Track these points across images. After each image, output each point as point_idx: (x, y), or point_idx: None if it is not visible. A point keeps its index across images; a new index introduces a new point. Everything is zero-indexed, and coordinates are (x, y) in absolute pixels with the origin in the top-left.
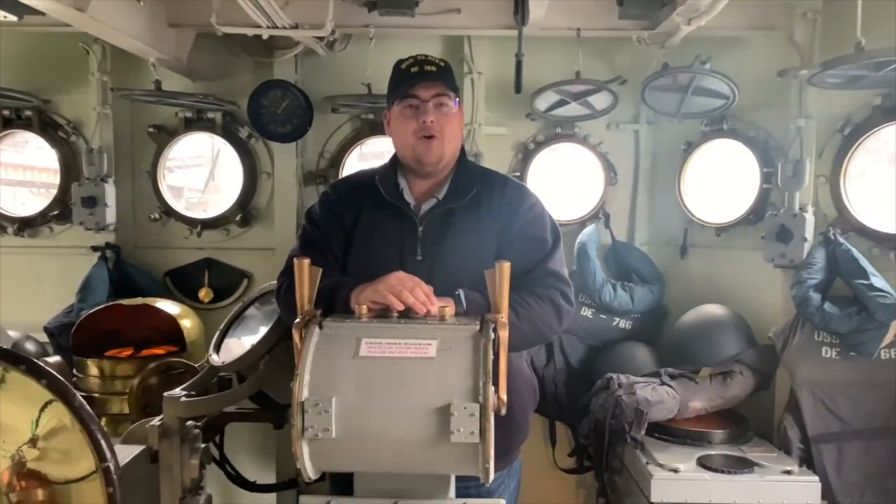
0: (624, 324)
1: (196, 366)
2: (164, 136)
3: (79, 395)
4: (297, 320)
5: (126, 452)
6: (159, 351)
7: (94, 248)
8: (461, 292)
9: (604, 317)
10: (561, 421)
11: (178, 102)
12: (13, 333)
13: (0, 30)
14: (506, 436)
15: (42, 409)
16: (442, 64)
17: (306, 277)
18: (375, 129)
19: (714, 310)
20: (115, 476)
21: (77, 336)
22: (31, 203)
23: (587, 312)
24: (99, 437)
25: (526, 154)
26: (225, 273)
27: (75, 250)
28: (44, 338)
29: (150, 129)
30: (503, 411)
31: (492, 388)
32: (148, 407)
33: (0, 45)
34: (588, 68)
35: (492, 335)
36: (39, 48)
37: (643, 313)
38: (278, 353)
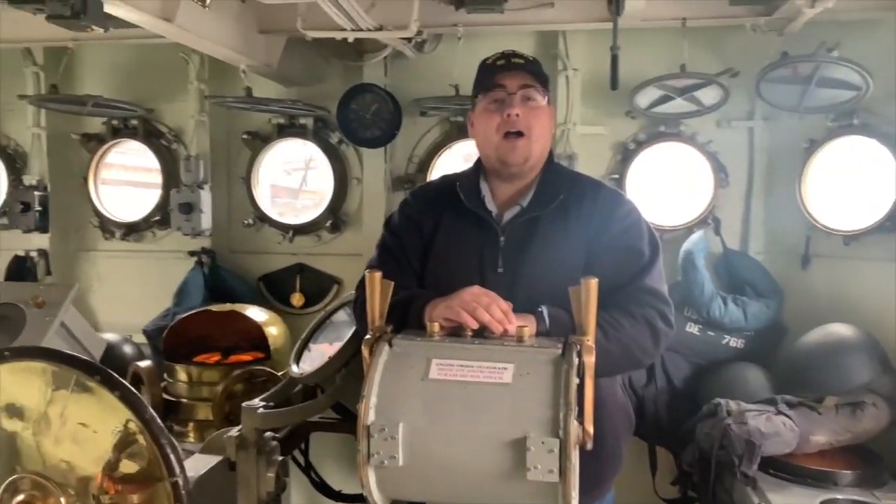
0: (735, 342)
1: (279, 374)
2: (258, 142)
3: (150, 408)
4: (367, 336)
5: (204, 462)
6: (246, 357)
7: (191, 253)
8: (544, 309)
9: (712, 334)
10: (662, 446)
11: (269, 109)
12: (113, 336)
13: (105, 42)
14: (596, 466)
15: (129, 419)
16: (530, 58)
17: (378, 291)
18: (464, 131)
19: (841, 329)
20: (183, 492)
21: (168, 340)
22: (136, 203)
23: (693, 329)
24: (168, 451)
25: (626, 155)
26: (316, 278)
27: (175, 254)
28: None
29: (244, 136)
30: (589, 445)
31: (574, 422)
32: (231, 414)
33: (107, 57)
34: (694, 60)
35: (575, 360)
36: (143, 59)
37: (757, 331)
38: (354, 365)
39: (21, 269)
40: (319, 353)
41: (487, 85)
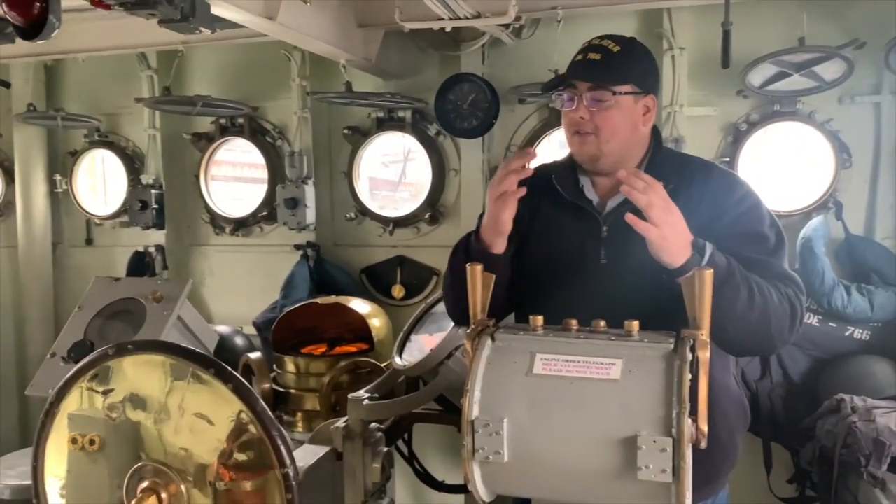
0: (860, 334)
1: (382, 366)
2: (359, 136)
3: (261, 401)
4: (470, 330)
5: (313, 453)
6: (351, 349)
7: (297, 247)
8: (710, 245)
9: (833, 325)
10: (778, 442)
11: (368, 102)
12: (224, 328)
13: (212, 44)
14: (709, 462)
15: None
16: (614, 49)
17: (479, 284)
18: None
19: None
20: (293, 483)
21: (277, 332)
22: (244, 199)
23: (813, 320)
24: (279, 442)
25: (737, 136)
26: (415, 270)
27: (281, 248)
28: (254, 331)
29: (345, 131)
30: (703, 444)
31: (688, 420)
32: (338, 405)
33: (215, 59)
34: (814, 33)
35: (689, 355)
36: (247, 59)
37: (886, 322)
38: (456, 358)
39: (140, 264)
40: (421, 345)
41: (561, 83)
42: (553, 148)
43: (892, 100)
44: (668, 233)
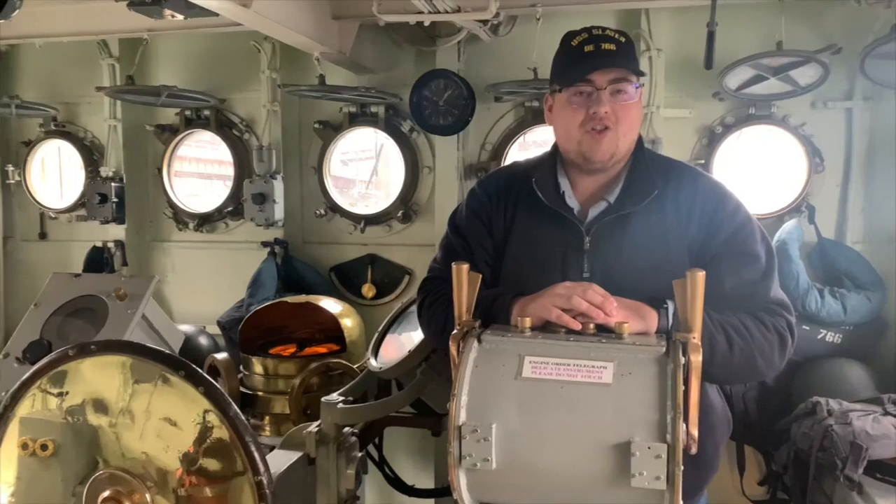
0: (832, 337)
1: (355, 367)
2: (330, 131)
3: (234, 405)
4: (455, 331)
5: (284, 458)
6: (321, 350)
7: (264, 244)
8: (670, 304)
9: (807, 328)
10: (750, 445)
11: (342, 97)
12: (188, 328)
13: (179, 32)
14: (695, 474)
15: (207, 411)
16: (622, 39)
17: (465, 283)
18: (539, 116)
19: None
20: (267, 491)
21: (244, 332)
22: (208, 195)
23: None
24: (252, 448)
25: (712, 139)
26: (387, 269)
27: (248, 245)
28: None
29: (316, 126)
30: (693, 449)
31: (682, 425)
32: (308, 409)
33: (181, 48)
34: (791, 37)
35: (682, 359)
36: (215, 49)
37: (857, 325)
38: (435, 361)
39: (99, 259)
40: (397, 346)
41: (573, 78)
42: (526, 147)
43: (864, 105)
44: (623, 310)
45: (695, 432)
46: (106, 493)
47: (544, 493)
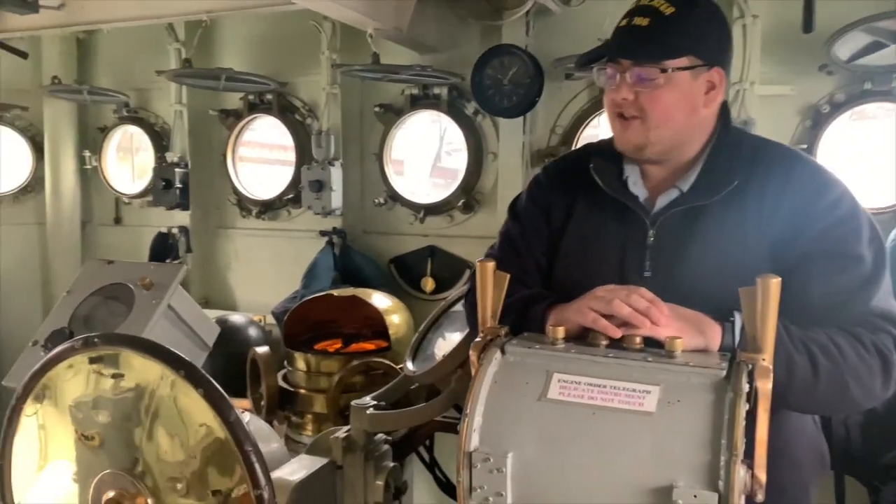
0: None
1: (398, 367)
2: (391, 115)
3: (235, 410)
4: (477, 339)
5: (309, 464)
6: (368, 346)
7: (322, 233)
8: (737, 316)
9: None
10: (853, 475)
11: (399, 77)
12: (239, 318)
13: (241, 14)
14: None
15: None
16: (667, 10)
17: (490, 284)
18: None
19: None
20: None
21: (289, 326)
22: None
23: None
24: (253, 459)
25: (817, 120)
26: (447, 262)
27: (308, 234)
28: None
29: (376, 109)
30: (760, 497)
31: (740, 469)
32: (347, 409)
33: (242, 31)
34: None
35: (745, 386)
36: (276, 31)
37: None
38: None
39: (164, 245)
40: (440, 347)
41: (606, 55)
42: (606, 130)
43: None
44: (673, 321)
45: (762, 476)
46: (110, 494)
47: None
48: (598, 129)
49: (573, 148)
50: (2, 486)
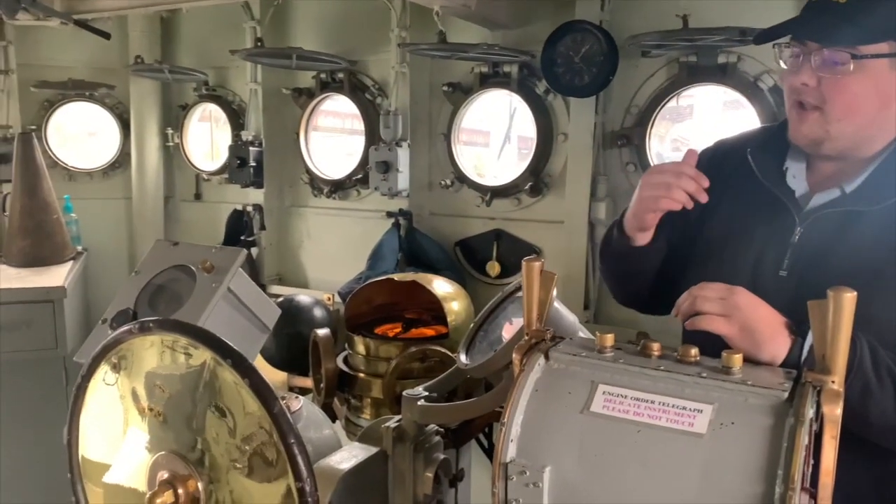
0: None
1: (455, 356)
2: (459, 94)
3: (288, 398)
4: (521, 342)
5: (360, 452)
6: (429, 332)
7: (389, 214)
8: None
9: None
10: None
11: (467, 56)
12: (306, 299)
13: None
14: None
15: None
16: None
17: (536, 284)
18: (697, 74)
19: None
20: (309, 499)
21: (351, 308)
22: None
23: None
24: (295, 451)
25: None
26: (513, 246)
27: (376, 214)
28: None
29: (445, 88)
30: None
31: (799, 501)
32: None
33: (315, 10)
34: None
35: (810, 411)
36: (348, 9)
37: None
38: None
39: (239, 222)
40: (497, 338)
41: (787, 31)
42: (680, 113)
43: None
44: (743, 319)
45: None
46: (164, 476)
47: None
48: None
49: (649, 127)
50: (70, 458)
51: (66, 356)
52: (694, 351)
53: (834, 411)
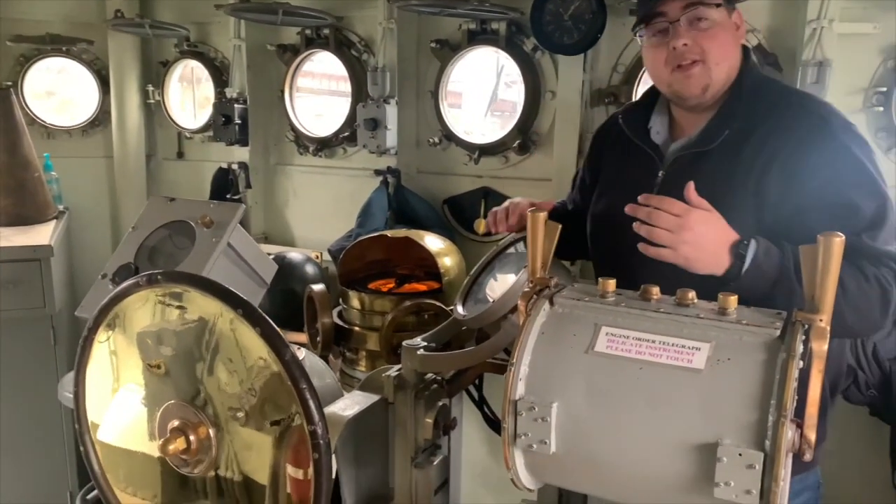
0: None
1: (448, 309)
2: (447, 51)
3: (292, 348)
4: (526, 289)
5: (362, 400)
6: (421, 287)
7: (377, 172)
8: (751, 247)
9: None
10: None
11: (457, 12)
12: (297, 255)
13: None
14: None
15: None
16: None
17: (540, 235)
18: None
19: None
20: (321, 441)
21: (344, 264)
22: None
23: None
24: (307, 396)
25: None
26: (501, 204)
27: (363, 172)
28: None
29: (433, 45)
30: (808, 456)
31: (788, 429)
32: (399, 348)
33: None
34: None
35: (800, 347)
36: None
37: None
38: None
39: (224, 180)
40: (492, 289)
41: (645, 14)
42: None
43: None
44: (688, 252)
45: (812, 436)
46: (175, 423)
47: (610, 488)
48: None
49: (636, 85)
50: (77, 410)
51: (54, 314)
52: (691, 294)
53: (822, 347)
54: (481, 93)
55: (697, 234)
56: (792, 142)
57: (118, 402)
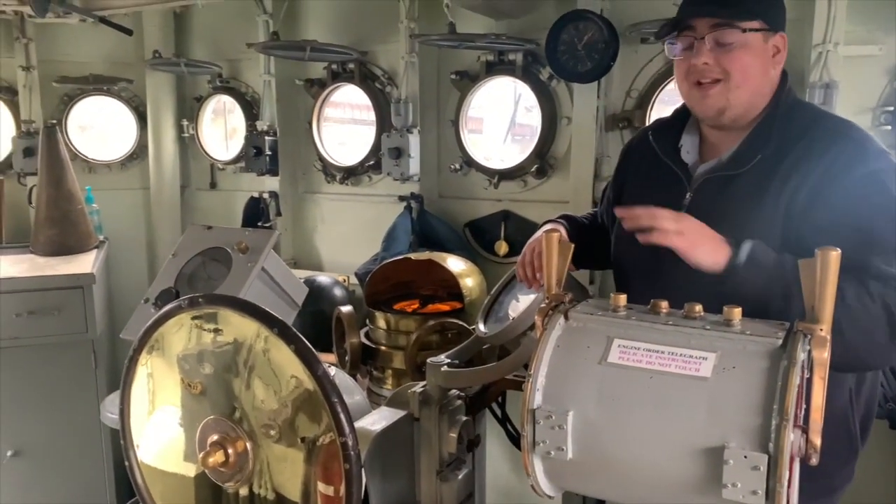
0: None
1: (471, 328)
2: (467, 82)
3: (324, 364)
4: (543, 305)
5: (389, 415)
6: (444, 307)
7: (401, 198)
8: (743, 248)
9: None
10: None
11: (475, 45)
12: (325, 279)
13: None
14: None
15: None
16: None
17: (555, 253)
18: None
19: None
20: (352, 453)
21: (371, 286)
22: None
23: None
24: (339, 409)
25: None
26: (520, 226)
27: (388, 198)
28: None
29: (453, 76)
30: (814, 460)
31: (791, 433)
32: (423, 366)
33: (325, 2)
34: None
35: (801, 355)
36: (357, 2)
37: None
38: None
39: (256, 209)
40: (512, 309)
41: (676, 22)
42: (671, 95)
43: None
44: (694, 237)
45: (817, 441)
46: (214, 438)
47: (626, 491)
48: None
49: (649, 110)
50: (123, 427)
51: (95, 339)
52: (698, 307)
53: (822, 354)
54: (500, 119)
55: (698, 224)
56: (823, 166)
57: (153, 424)
